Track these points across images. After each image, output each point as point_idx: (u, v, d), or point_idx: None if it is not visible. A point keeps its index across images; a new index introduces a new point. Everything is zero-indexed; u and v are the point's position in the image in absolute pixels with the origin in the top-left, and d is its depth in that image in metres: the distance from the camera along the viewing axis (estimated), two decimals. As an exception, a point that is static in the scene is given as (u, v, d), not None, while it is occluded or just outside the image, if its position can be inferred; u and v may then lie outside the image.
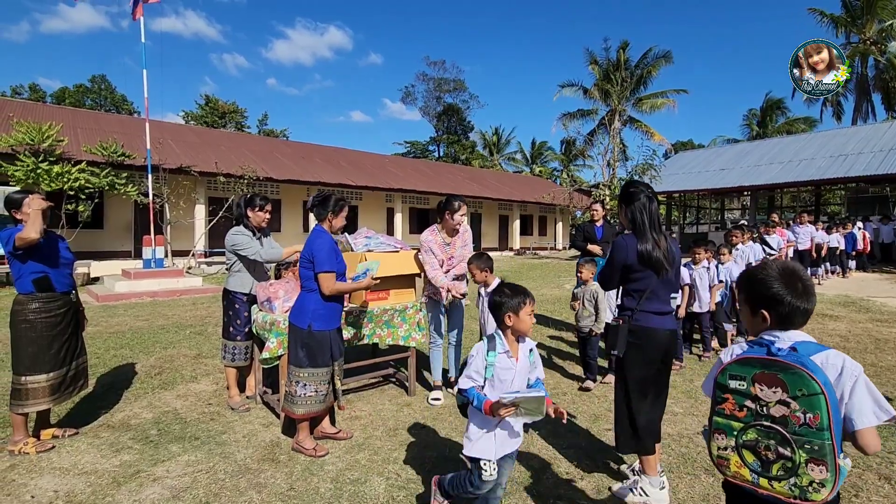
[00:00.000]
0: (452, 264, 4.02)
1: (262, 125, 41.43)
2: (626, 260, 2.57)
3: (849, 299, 8.91)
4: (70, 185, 11.54)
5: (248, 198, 3.83)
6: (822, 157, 18.82)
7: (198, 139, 18.85)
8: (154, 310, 8.09)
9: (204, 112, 35.95)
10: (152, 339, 5.96)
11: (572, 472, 2.84)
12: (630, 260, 2.55)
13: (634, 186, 2.66)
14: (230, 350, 3.78)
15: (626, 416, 2.58)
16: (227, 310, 3.82)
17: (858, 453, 1.58)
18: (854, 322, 6.98)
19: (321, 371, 3.03)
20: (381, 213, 21.95)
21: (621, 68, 28.35)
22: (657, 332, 2.56)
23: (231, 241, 3.72)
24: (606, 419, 3.59)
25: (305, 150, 22.22)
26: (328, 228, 3.14)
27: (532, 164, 43.85)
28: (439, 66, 47.33)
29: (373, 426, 3.47)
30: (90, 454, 3.02)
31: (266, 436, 3.30)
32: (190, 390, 4.21)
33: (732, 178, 20.32)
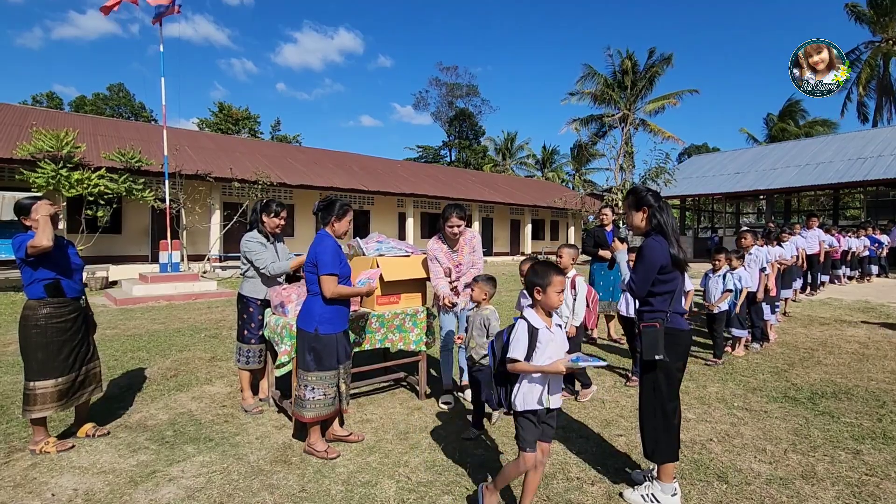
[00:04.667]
0: (461, 271, 3.99)
1: (275, 131, 41.98)
2: (662, 261, 2.55)
3: (867, 305, 8.73)
4: (89, 191, 11.83)
5: (264, 203, 3.90)
6: (841, 159, 18.50)
7: (213, 145, 19.17)
8: (170, 313, 8.23)
9: (218, 119, 36.53)
10: (168, 342, 6.07)
11: (583, 476, 2.82)
12: (665, 261, 2.55)
13: (650, 191, 2.71)
14: (244, 353, 3.84)
15: (663, 423, 2.54)
16: (241, 313, 3.88)
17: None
18: (873, 329, 6.84)
19: (329, 374, 3.07)
20: (392, 218, 22.06)
21: (629, 73, 28.21)
22: (685, 333, 2.63)
23: (245, 246, 3.79)
24: (617, 425, 3.57)
25: (317, 156, 22.45)
26: (332, 233, 3.17)
27: (544, 169, 43.76)
28: (452, 71, 47.62)
29: (384, 429, 3.50)
30: (108, 454, 3.09)
31: (278, 438, 3.34)
32: (204, 392, 4.28)
33: (748, 181, 20.06)
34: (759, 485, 2.72)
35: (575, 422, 3.63)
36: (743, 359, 5.27)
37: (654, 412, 2.57)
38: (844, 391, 4.24)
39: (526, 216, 26.52)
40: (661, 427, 2.54)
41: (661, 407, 2.55)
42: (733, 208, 27.73)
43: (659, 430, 2.54)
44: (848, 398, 4.08)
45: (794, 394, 4.18)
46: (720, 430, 3.45)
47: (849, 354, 5.46)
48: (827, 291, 10.34)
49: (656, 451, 2.56)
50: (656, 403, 2.56)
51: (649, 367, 2.58)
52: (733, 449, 3.16)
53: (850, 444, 3.22)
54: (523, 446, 2.32)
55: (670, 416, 2.54)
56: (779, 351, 5.61)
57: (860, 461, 2.99)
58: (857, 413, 3.75)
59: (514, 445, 3.19)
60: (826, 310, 8.30)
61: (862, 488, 2.68)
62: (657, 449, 2.55)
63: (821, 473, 2.84)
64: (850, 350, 5.65)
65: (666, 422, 2.53)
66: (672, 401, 2.55)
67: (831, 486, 2.70)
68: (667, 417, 2.53)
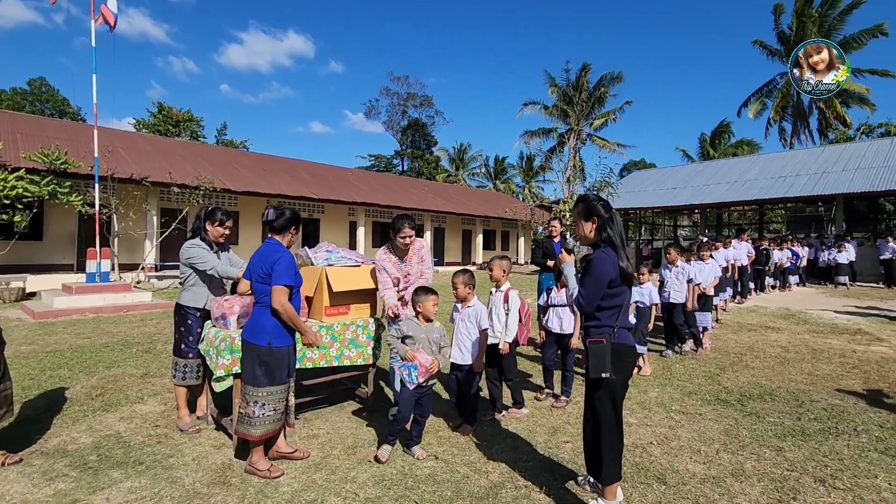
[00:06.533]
0: (409, 281, 3.95)
1: (221, 135, 40.28)
2: (611, 274, 2.44)
3: (789, 312, 9.48)
4: (6, 194, 10.81)
5: (209, 210, 3.71)
6: (765, 178, 20.11)
7: (151, 148, 18.10)
8: (97, 327, 7.63)
9: (157, 120, 34.52)
10: (94, 358, 5.61)
11: (530, 485, 2.85)
12: (614, 275, 2.45)
13: (601, 200, 2.60)
14: (181, 368, 3.62)
15: (613, 442, 2.46)
16: (178, 325, 3.66)
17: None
18: (794, 334, 7.42)
19: (280, 388, 2.95)
20: (343, 227, 21.67)
21: (581, 89, 29.52)
22: (632, 349, 2.54)
23: (186, 253, 3.58)
24: (564, 431, 3.66)
25: (266, 162, 21.73)
26: (285, 243, 3.08)
27: (495, 180, 44.63)
28: (403, 81, 47.73)
29: (331, 444, 3.39)
30: (20, 484, 2.80)
31: (217, 458, 3.16)
32: (135, 412, 3.98)
33: (684, 196, 21.35)
34: (695, 484, 2.86)
35: (523, 430, 3.68)
36: (680, 364, 5.56)
37: (606, 432, 2.47)
38: (769, 392, 4.56)
39: (477, 226, 26.86)
40: (607, 447, 2.45)
41: (606, 427, 2.46)
42: (671, 221, 29.44)
43: (610, 450, 2.46)
44: (772, 399, 4.39)
45: (725, 396, 4.45)
46: (659, 434, 3.60)
47: (772, 358, 5.89)
48: (753, 299, 11.14)
49: (605, 472, 2.47)
50: (601, 423, 2.47)
51: (595, 386, 2.49)
52: (671, 451, 3.31)
53: (774, 441, 3.46)
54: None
55: (615, 436, 2.46)
56: (712, 356, 5.97)
57: (782, 458, 3.21)
58: (780, 413, 4.04)
59: (463, 456, 3.19)
60: (753, 317, 8.93)
61: (784, 483, 2.88)
62: (606, 470, 2.46)
63: (748, 471, 3.03)
64: (774, 354, 6.10)
65: (611, 442, 2.45)
66: (617, 421, 2.47)
67: (757, 483, 2.88)
68: (612, 438, 2.45)
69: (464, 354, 3.65)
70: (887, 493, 2.78)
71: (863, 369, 5.39)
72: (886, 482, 2.89)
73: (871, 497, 2.73)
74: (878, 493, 2.78)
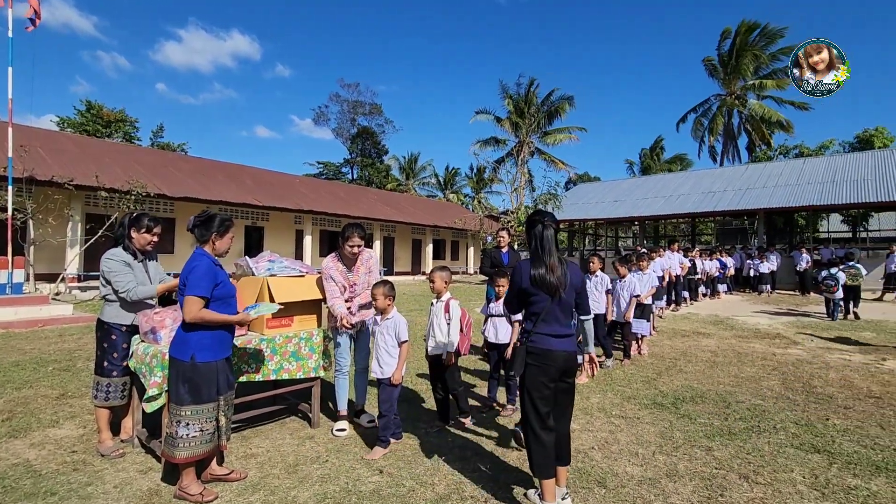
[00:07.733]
0: (355, 291, 3.89)
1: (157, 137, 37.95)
2: (520, 283, 2.72)
3: (718, 318, 10.14)
4: None
5: (134, 216, 3.46)
6: (696, 193, 21.56)
7: (76, 148, 16.78)
8: (7, 343, 6.92)
9: (85, 119, 32.05)
10: (2, 379, 5.07)
11: (476, 495, 2.85)
12: (524, 283, 2.70)
13: (536, 215, 2.78)
14: (103, 388, 3.34)
15: (532, 437, 2.64)
16: (101, 342, 3.37)
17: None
18: (722, 339, 7.94)
19: (206, 407, 2.77)
20: (289, 236, 21.03)
21: (530, 104, 30.46)
22: (554, 353, 2.65)
23: (105, 265, 3.31)
24: (511, 440, 3.69)
25: (205, 166, 20.71)
26: (212, 251, 2.92)
27: (445, 190, 44.99)
28: (353, 88, 47.35)
29: (270, 463, 3.23)
30: None
31: (143, 483, 2.93)
32: (48, 437, 3.62)
33: (625, 209, 22.46)
34: (632, 486, 2.97)
35: (471, 440, 3.68)
36: (621, 370, 5.79)
37: (525, 427, 2.72)
38: (700, 395, 4.84)
39: (427, 236, 26.90)
40: (531, 440, 2.65)
41: (528, 422, 2.67)
42: (613, 232, 30.84)
43: (530, 443, 2.66)
44: (702, 401, 4.65)
45: (661, 400, 4.67)
46: (600, 438, 3.72)
47: (703, 362, 6.27)
48: (686, 307, 11.83)
49: (532, 464, 2.66)
50: (525, 419, 2.71)
51: (521, 384, 2.72)
52: (611, 455, 3.42)
53: (704, 442, 3.67)
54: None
55: (538, 431, 2.62)
56: (650, 361, 6.26)
57: (711, 457, 3.40)
58: (710, 414, 4.29)
59: (409, 469, 3.14)
60: (686, 323, 9.48)
61: (712, 481, 3.05)
62: (531, 463, 2.66)
63: (681, 471, 3.18)
64: (705, 358, 6.49)
65: (534, 436, 2.63)
66: (538, 417, 2.62)
67: (689, 482, 3.03)
68: (534, 432, 2.63)
69: (382, 369, 3.50)
70: (802, 485, 3.00)
71: (781, 371, 5.84)
72: (801, 476, 3.13)
73: (788, 490, 2.94)
74: (794, 486, 3.00)
